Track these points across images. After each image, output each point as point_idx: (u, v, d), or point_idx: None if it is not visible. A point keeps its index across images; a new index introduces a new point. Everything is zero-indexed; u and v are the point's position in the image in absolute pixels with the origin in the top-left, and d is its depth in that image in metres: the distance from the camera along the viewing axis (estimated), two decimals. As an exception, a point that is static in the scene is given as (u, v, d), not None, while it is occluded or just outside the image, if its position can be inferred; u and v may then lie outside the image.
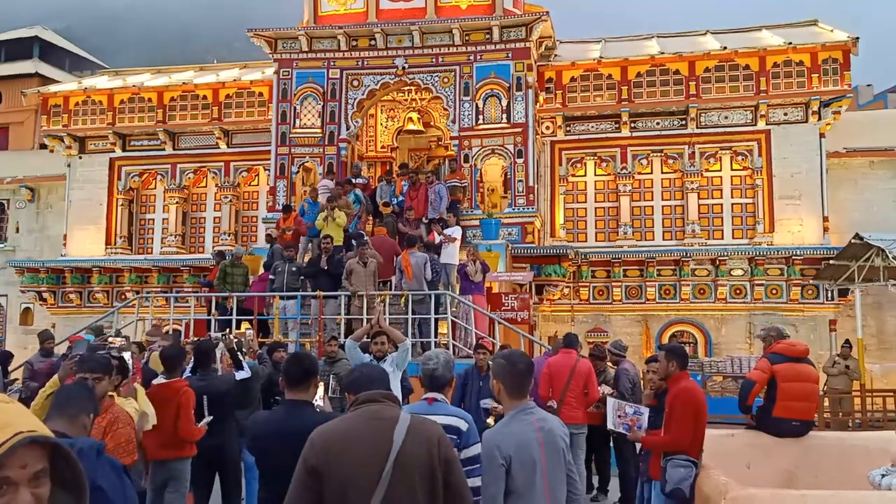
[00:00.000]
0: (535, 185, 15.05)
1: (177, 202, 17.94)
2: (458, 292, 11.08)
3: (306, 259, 12.03)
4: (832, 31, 16.01)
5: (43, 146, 20.23)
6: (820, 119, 15.30)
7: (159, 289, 16.50)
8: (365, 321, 9.18)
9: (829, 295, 15.00)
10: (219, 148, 17.69)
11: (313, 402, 3.59)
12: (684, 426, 5.11)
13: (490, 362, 5.48)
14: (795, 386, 5.73)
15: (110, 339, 5.74)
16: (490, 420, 6.50)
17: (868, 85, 25.45)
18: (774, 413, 5.77)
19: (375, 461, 2.46)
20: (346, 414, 2.76)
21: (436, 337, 10.52)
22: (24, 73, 26.82)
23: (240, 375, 6.34)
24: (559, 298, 15.42)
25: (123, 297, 16.67)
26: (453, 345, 10.42)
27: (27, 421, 1.33)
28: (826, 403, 12.48)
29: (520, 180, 14.79)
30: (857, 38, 15.02)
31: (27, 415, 1.37)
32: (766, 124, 15.53)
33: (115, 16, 71.26)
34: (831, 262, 14.21)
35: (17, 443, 1.27)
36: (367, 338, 6.94)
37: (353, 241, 11.68)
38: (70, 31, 39.34)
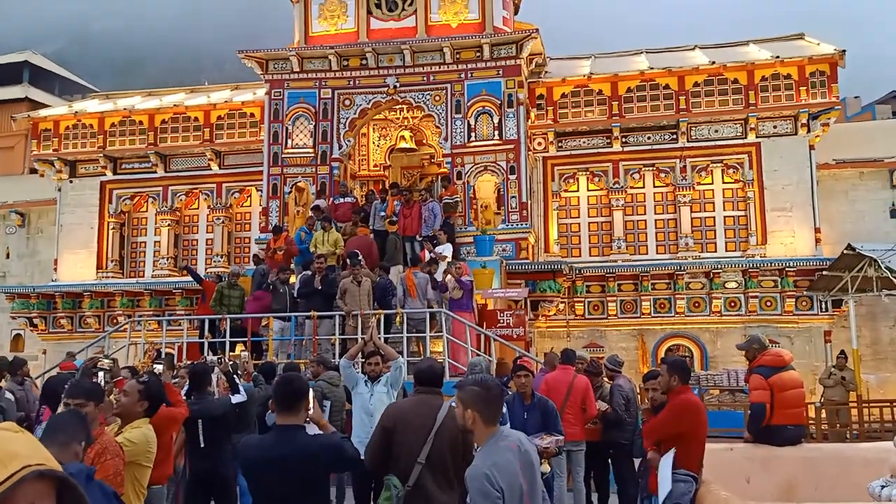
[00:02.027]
0: (529, 201, 15.07)
1: (168, 224, 17.88)
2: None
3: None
4: (819, 44, 16.19)
5: (33, 171, 20.13)
6: (809, 131, 15.42)
7: (151, 312, 16.38)
8: (360, 340, 9.11)
9: (823, 306, 15.02)
10: (210, 169, 17.67)
11: (305, 422, 3.52)
12: (662, 422, 5.21)
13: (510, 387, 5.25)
14: (789, 394, 5.99)
15: (99, 363, 5.67)
16: (545, 466, 5.51)
17: (856, 97, 25.70)
18: (773, 422, 5.86)
19: (425, 429, 3.95)
20: (411, 396, 4.52)
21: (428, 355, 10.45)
22: (13, 97, 26.80)
23: (236, 399, 6.28)
24: (555, 314, 15.39)
25: (115, 321, 16.53)
26: (450, 363, 10.36)
27: (36, 453, 1.30)
28: (823, 415, 12.45)
29: (513, 196, 14.81)
30: (844, 50, 15.19)
31: (36, 446, 1.34)
32: (756, 137, 15.64)
33: (106, 40, 71.54)
34: (824, 273, 14.25)
35: (24, 476, 1.23)
36: (362, 357, 6.89)
37: (347, 260, 11.63)
38: (60, 55, 39.40)
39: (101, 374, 5.11)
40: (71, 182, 18.39)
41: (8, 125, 22.51)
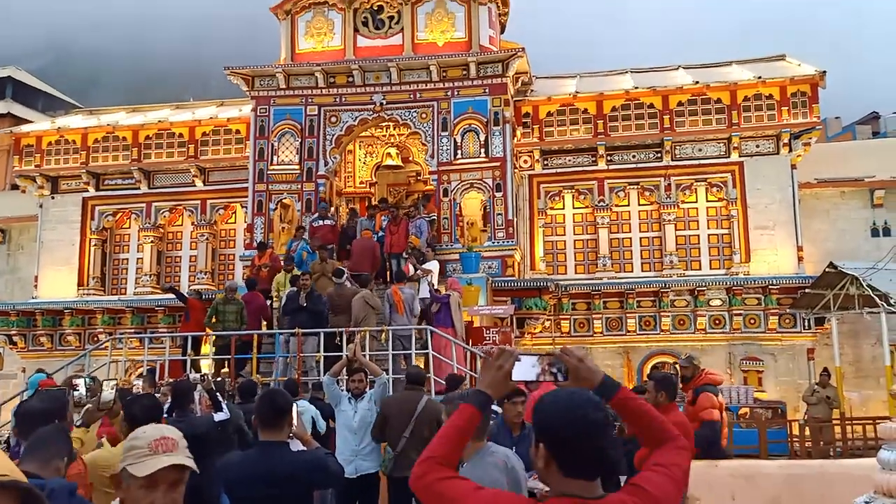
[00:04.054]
0: (514, 219, 15.11)
1: (151, 241, 17.73)
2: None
3: None
4: (800, 65, 16.46)
5: (15, 187, 19.96)
6: (791, 151, 15.62)
7: (133, 330, 16.17)
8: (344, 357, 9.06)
9: (806, 324, 15.13)
10: (195, 186, 17.58)
11: (289, 438, 3.46)
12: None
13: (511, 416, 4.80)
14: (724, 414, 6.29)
15: (74, 381, 5.56)
16: None
17: (836, 117, 26.11)
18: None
19: (410, 413, 5.93)
20: (402, 391, 6.40)
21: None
22: (-4, 113, 26.62)
23: (218, 417, 6.18)
24: (540, 331, 15.38)
25: (96, 339, 16.30)
26: (434, 380, 10.29)
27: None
28: (807, 432, 12.49)
29: (499, 214, 14.85)
30: (825, 71, 15.45)
31: (0, 457, 1.31)
32: (739, 156, 15.82)
33: (90, 56, 71.35)
34: (807, 291, 14.38)
35: None
36: (346, 374, 6.83)
37: (333, 278, 11.58)
38: (44, 71, 39.20)
39: (79, 383, 5.01)
40: (53, 198, 18.21)
41: (-10, 140, 22.28)
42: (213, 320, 11.24)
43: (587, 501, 1.81)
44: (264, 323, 12.01)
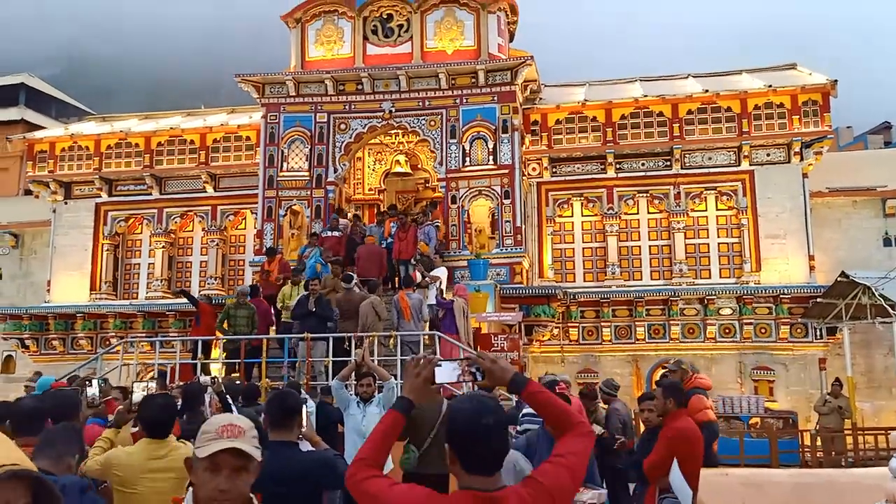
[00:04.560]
0: (523, 226, 15.12)
1: (163, 246, 17.84)
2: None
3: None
4: (811, 74, 16.43)
5: (28, 192, 20.14)
6: (802, 160, 15.57)
7: (144, 334, 16.26)
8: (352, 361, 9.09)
9: (818, 333, 15.03)
10: (206, 192, 17.70)
11: (299, 438, 3.48)
12: (661, 457, 5.08)
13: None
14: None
15: (86, 382, 5.64)
16: None
17: (848, 127, 26.04)
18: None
19: (435, 413, 5.49)
20: None
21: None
22: (9, 119, 26.94)
23: (228, 419, 6.20)
24: (549, 339, 15.35)
25: (108, 342, 16.39)
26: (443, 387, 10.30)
27: (9, 454, 1.29)
28: (818, 442, 12.40)
29: (507, 221, 14.87)
30: (836, 80, 15.40)
31: (10, 447, 1.33)
32: (750, 165, 15.78)
33: (103, 64, 72.08)
34: (819, 300, 14.29)
35: None
36: (354, 378, 6.85)
37: (342, 283, 11.62)
38: (57, 78, 39.63)
39: (93, 382, 5.05)
40: (66, 203, 18.37)
41: (3, 147, 22.51)
42: (225, 325, 11.29)
43: (486, 493, 2.02)
44: (273, 329, 12.06)
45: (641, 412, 5.99)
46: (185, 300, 13.69)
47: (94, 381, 5.07)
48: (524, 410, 6.91)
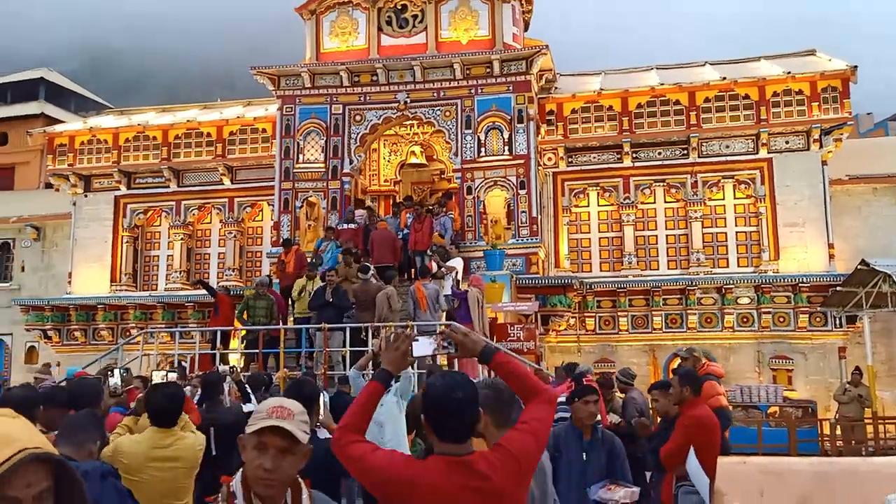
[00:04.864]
0: (539, 216, 15.08)
1: (181, 238, 18.01)
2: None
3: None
4: (830, 60, 16.20)
5: (49, 185, 20.40)
6: (821, 147, 15.38)
7: (164, 325, 16.46)
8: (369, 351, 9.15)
9: (838, 322, 14.89)
10: (223, 184, 17.82)
11: (316, 426, 3.52)
12: (678, 445, 5.06)
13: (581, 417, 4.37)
14: None
15: (110, 371, 5.74)
16: None
17: (868, 113, 25.67)
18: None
19: None
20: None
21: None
22: (29, 113, 27.21)
23: (247, 408, 6.29)
24: (565, 329, 15.33)
25: (128, 333, 16.62)
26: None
27: (32, 437, 1.31)
28: (838, 431, 12.31)
29: (523, 211, 14.83)
30: (856, 66, 15.17)
31: (32, 431, 1.35)
32: (768, 153, 15.61)
33: (120, 59, 72.65)
34: (838, 288, 14.15)
35: (21, 460, 1.25)
36: (371, 368, 6.90)
37: (359, 274, 11.67)
38: (75, 72, 40.01)
39: (115, 372, 5.13)
40: (86, 196, 18.58)
41: (24, 141, 22.79)
42: (245, 315, 11.42)
43: (458, 457, 2.27)
44: (290, 319, 12.17)
45: (655, 401, 5.99)
46: (203, 291, 13.83)
47: (116, 371, 5.15)
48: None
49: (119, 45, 73.57)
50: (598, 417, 4.69)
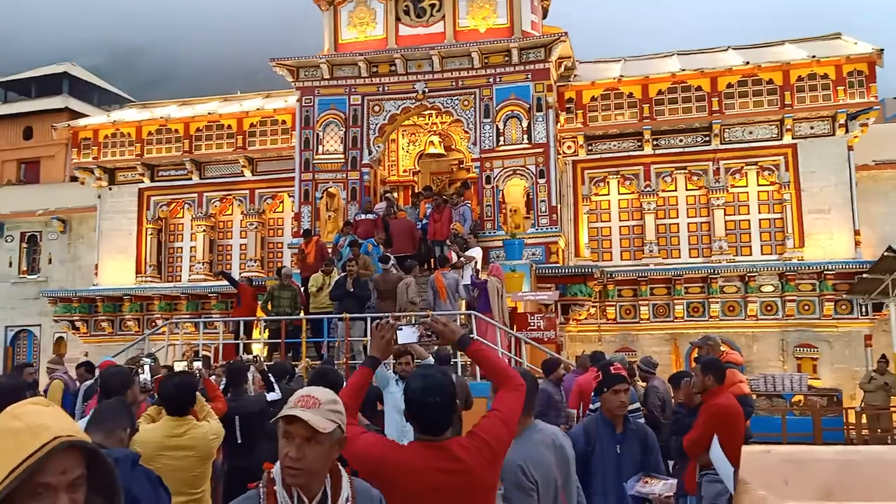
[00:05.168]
0: (558, 205, 15.02)
1: (204, 230, 18.20)
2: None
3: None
4: (856, 43, 15.88)
5: (74, 178, 20.69)
6: (847, 132, 15.12)
7: (188, 315, 16.67)
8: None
9: (864, 310, 14.68)
10: (244, 176, 17.96)
11: None
12: (701, 434, 5.01)
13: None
14: None
15: (140, 361, 5.83)
16: None
17: (895, 98, 25.15)
18: None
19: None
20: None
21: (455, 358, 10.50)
22: (54, 108, 27.61)
23: (271, 396, 6.36)
24: (585, 318, 15.28)
25: (154, 324, 16.85)
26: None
27: (65, 425, 1.33)
28: (864, 420, 12.17)
29: (542, 200, 14.78)
30: (882, 49, 14.88)
31: (65, 419, 1.37)
32: (793, 138, 15.38)
33: (143, 53, 73.30)
34: (864, 276, 13.94)
35: (55, 447, 1.27)
36: (393, 357, 6.95)
37: (379, 263, 11.73)
38: (98, 67, 40.44)
39: (144, 367, 5.21)
40: (110, 189, 18.83)
41: (49, 135, 23.14)
42: (269, 306, 11.53)
43: (435, 442, 2.50)
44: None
45: (676, 398, 5.95)
46: (226, 282, 13.97)
47: (146, 367, 5.22)
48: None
49: (141, 41, 74.21)
50: (631, 406, 4.47)
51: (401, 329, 2.83)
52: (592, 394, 4.76)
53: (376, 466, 2.47)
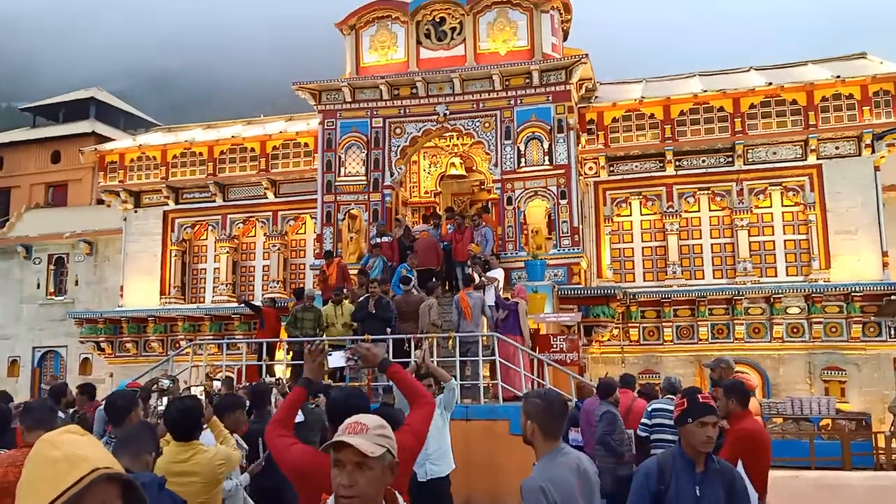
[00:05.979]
0: (580, 226, 14.97)
1: (227, 252, 18.39)
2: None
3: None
4: (882, 62, 15.75)
5: (100, 201, 21.06)
6: (874, 152, 14.94)
7: (211, 336, 16.80)
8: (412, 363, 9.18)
9: (892, 332, 14.41)
10: (267, 198, 18.15)
11: None
12: (724, 457, 4.64)
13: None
14: None
15: (158, 383, 5.85)
16: None
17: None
18: None
19: None
20: None
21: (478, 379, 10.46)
22: (81, 132, 28.16)
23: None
24: (608, 340, 15.15)
25: (178, 345, 17.00)
26: (502, 387, 10.30)
27: (102, 456, 1.36)
28: (893, 444, 11.87)
29: (564, 221, 14.74)
30: (908, 68, 14.73)
31: (101, 449, 1.40)
32: (818, 159, 15.24)
33: (167, 78, 74.73)
34: (893, 297, 13.70)
35: (94, 479, 1.29)
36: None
37: (401, 285, 11.75)
38: (124, 92, 41.30)
39: (158, 392, 5.25)
40: (136, 212, 19.13)
41: (76, 158, 23.59)
42: (293, 328, 11.59)
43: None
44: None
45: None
46: (257, 304, 14.04)
47: (164, 398, 5.19)
48: (653, 406, 6.89)
49: (173, 66, 75.69)
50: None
51: (330, 354, 3.51)
52: (674, 423, 3.92)
53: (303, 473, 2.81)
